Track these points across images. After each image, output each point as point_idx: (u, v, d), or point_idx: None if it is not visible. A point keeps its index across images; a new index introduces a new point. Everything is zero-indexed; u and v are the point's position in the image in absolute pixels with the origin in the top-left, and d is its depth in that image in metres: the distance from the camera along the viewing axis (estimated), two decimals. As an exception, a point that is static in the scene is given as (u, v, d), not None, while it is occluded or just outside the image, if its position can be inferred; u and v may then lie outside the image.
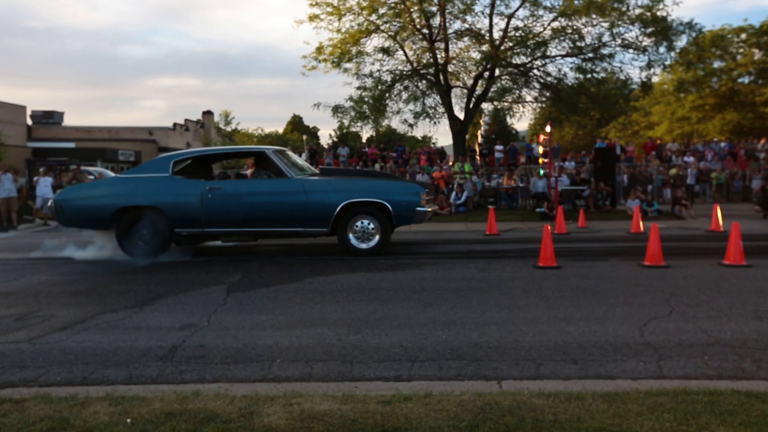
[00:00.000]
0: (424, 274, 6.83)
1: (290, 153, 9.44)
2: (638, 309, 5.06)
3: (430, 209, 8.41)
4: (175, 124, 38.03)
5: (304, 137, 49.72)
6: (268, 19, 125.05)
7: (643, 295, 5.55)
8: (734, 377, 3.51)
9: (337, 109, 19.05)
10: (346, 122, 19.63)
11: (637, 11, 16.59)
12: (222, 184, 8.38)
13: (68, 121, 37.71)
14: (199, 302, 5.58)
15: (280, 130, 62.07)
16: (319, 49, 18.79)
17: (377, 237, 8.11)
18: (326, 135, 77.01)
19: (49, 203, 8.78)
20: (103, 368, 3.85)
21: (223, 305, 5.47)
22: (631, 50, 17.52)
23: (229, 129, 38.63)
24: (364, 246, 8.10)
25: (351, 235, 8.14)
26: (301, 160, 9.61)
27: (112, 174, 17.96)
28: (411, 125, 19.57)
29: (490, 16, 17.86)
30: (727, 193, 18.86)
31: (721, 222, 10.90)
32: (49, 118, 35.84)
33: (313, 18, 18.56)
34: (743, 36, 29.55)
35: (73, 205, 8.26)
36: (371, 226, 8.10)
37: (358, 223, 8.11)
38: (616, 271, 6.82)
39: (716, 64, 30.20)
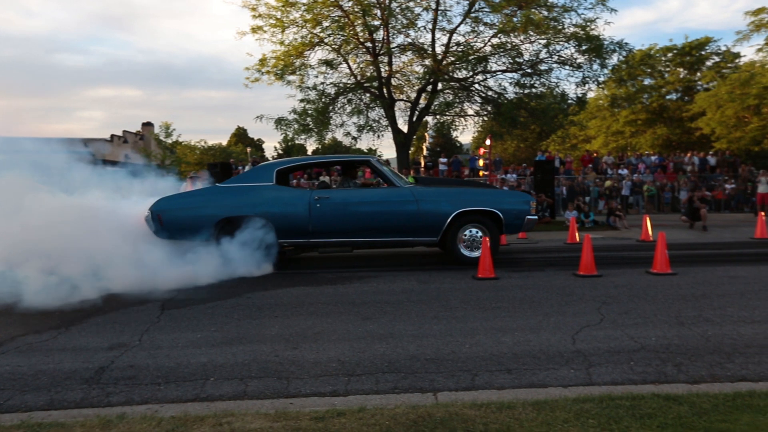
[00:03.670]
0: (365, 287, 6.82)
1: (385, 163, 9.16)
2: (571, 318, 5.21)
3: (537, 218, 8.50)
4: (112, 136, 36.83)
5: (248, 150, 49.10)
6: (214, 30, 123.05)
7: (576, 304, 5.72)
8: (657, 381, 3.66)
9: (280, 122, 18.89)
10: (289, 135, 19.48)
11: (572, 30, 17.26)
12: (329, 193, 8.19)
13: (-3, 132, 35.85)
14: (131, 320, 5.39)
15: (224, 143, 61.03)
16: (263, 61, 18.63)
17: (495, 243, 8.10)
18: (271, 147, 76.11)
19: (145, 213, 7.96)
20: (21, 394, 3.65)
21: (156, 323, 5.30)
22: (566, 67, 18.19)
23: (169, 141, 37.62)
24: (475, 254, 8.03)
25: (460, 245, 8.13)
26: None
27: None
28: (354, 138, 19.67)
29: (433, 31, 18.19)
30: (658, 204, 19.75)
31: (650, 232, 11.40)
32: (-25, 129, 33.98)
33: (256, 30, 18.42)
34: (669, 55, 31.18)
35: (173, 216, 7.82)
36: (480, 234, 8.12)
37: (467, 232, 8.12)
38: (552, 281, 7.00)
39: (646, 81, 31.72)
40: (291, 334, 4.85)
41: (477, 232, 8.15)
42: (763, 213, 12.76)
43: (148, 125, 42.17)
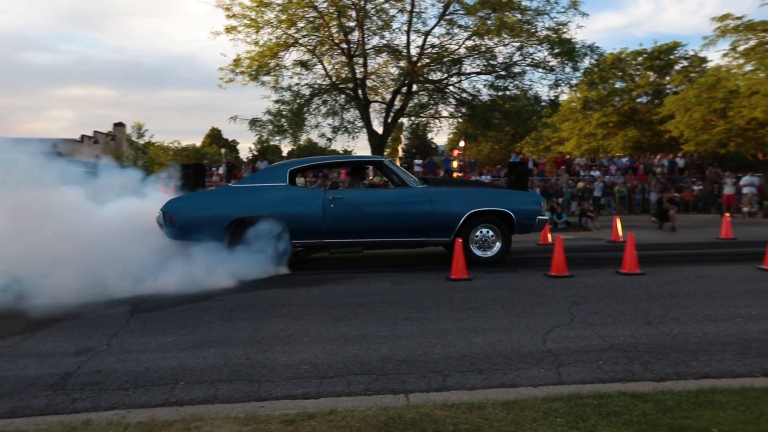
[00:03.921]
0: (338, 289, 6.81)
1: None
2: (542, 318, 5.27)
3: (548, 218, 8.52)
4: (82, 136, 36.12)
5: (223, 151, 48.60)
6: (188, 30, 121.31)
7: (547, 305, 5.79)
8: (624, 380, 3.73)
9: (254, 123, 18.72)
10: (264, 136, 19.34)
11: (545, 33, 17.45)
12: (343, 193, 8.15)
13: (-39, 131, 34.89)
14: (100, 324, 5.30)
15: (198, 143, 60.42)
16: (237, 62, 18.45)
17: (498, 245, 8.21)
18: (246, 148, 75.52)
19: (157, 214, 7.84)
20: (-17, 401, 3.57)
21: (125, 327, 5.22)
22: (539, 69, 18.40)
23: (142, 142, 37.08)
24: (488, 254, 8.16)
25: (472, 245, 8.15)
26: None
27: None
28: (329, 139, 19.60)
29: (408, 33, 18.21)
30: (629, 205, 20.11)
31: (620, 233, 11.59)
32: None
33: (230, 30, 18.23)
34: (640, 59, 31.80)
35: (185, 216, 7.72)
36: (491, 234, 8.19)
37: (479, 232, 8.18)
38: (524, 281, 7.08)
39: (618, 85, 32.30)
40: (263, 337, 4.82)
41: (489, 232, 8.23)
42: (728, 214, 13.08)
43: (119, 126, 41.49)
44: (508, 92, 19.02)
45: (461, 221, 8.02)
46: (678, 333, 4.70)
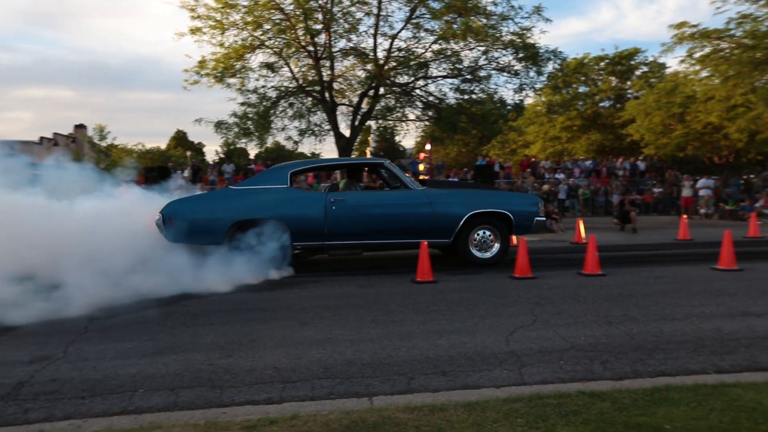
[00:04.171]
0: (304, 293, 6.77)
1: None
2: (506, 319, 5.33)
3: (545, 219, 8.66)
4: (42, 138, 35.20)
5: (188, 153, 47.90)
6: (152, 30, 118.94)
7: (511, 306, 5.87)
8: (584, 379, 3.79)
9: (220, 125, 18.47)
10: (230, 138, 19.10)
11: (510, 38, 17.69)
12: (345, 195, 8.12)
13: None
14: (57, 331, 5.15)
15: (163, 146, 59.38)
16: (202, 63, 18.20)
17: (497, 246, 8.30)
18: (212, 151, 74.51)
19: (157, 216, 7.69)
20: (-70, 413, 3.43)
21: (84, 333, 5.09)
22: (504, 73, 18.62)
23: (104, 144, 36.31)
24: (487, 255, 8.24)
25: (472, 246, 8.23)
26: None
27: None
28: (296, 142, 19.48)
29: (375, 36, 18.24)
30: (593, 207, 20.53)
31: (583, 234, 11.82)
32: None
33: (195, 31, 17.97)
34: (602, 64, 32.51)
35: (185, 219, 7.60)
36: (490, 236, 8.27)
37: (477, 234, 8.25)
38: (488, 283, 7.15)
39: (581, 89, 32.95)
40: (226, 342, 4.76)
41: (488, 234, 8.31)
42: (685, 216, 13.46)
43: (80, 127, 40.57)
44: (474, 96, 19.21)
45: (461, 223, 8.11)
46: (636, 332, 4.81)
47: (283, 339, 4.84)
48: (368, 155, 46.73)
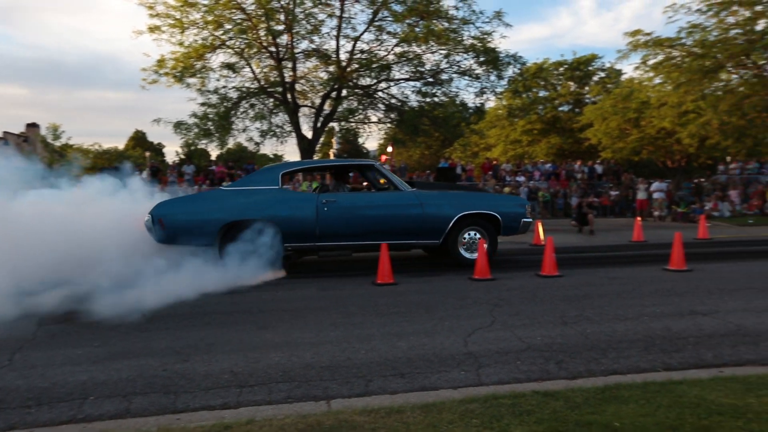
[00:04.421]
0: (264, 296, 6.70)
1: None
2: (465, 321, 5.38)
3: (531, 221, 8.88)
4: (-8, 137, 33.90)
5: (147, 154, 46.82)
6: (110, 27, 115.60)
7: (470, 308, 5.92)
8: (540, 379, 3.86)
9: (179, 126, 18.17)
10: (190, 139, 18.77)
11: (471, 42, 17.93)
12: (336, 197, 8.11)
13: None
14: (1, 338, 4.96)
15: (121, 146, 57.92)
16: (161, 62, 17.87)
17: (485, 247, 8.21)
18: (173, 152, 72.99)
19: (146, 218, 7.50)
20: None
21: (31, 340, 4.93)
22: (466, 77, 18.86)
23: (58, 144, 35.23)
24: (475, 256, 8.15)
25: (461, 247, 8.29)
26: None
27: None
28: (257, 144, 19.31)
29: (337, 38, 18.23)
30: (552, 210, 20.93)
31: (542, 236, 12.03)
32: None
33: (154, 29, 17.64)
34: (561, 69, 33.21)
35: (175, 219, 7.51)
36: (478, 237, 8.36)
37: (466, 235, 8.34)
38: (448, 285, 7.21)
39: (541, 93, 33.57)
40: (182, 347, 4.68)
41: (476, 235, 8.41)
42: (639, 218, 13.85)
43: (33, 126, 39.26)
44: (436, 99, 19.38)
45: (451, 224, 8.18)
46: (591, 332, 4.92)
47: (241, 343, 4.78)
48: (332, 157, 46.61)
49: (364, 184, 9.97)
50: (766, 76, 18.54)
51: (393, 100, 19.56)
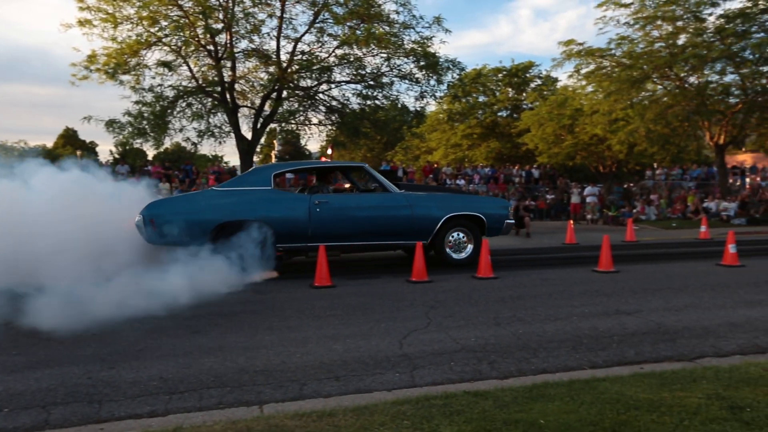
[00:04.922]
0: (197, 300, 6.53)
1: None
2: (401, 323, 5.43)
3: (513, 222, 9.20)
4: None
5: (79, 153, 44.87)
6: (39, 19, 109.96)
7: (407, 310, 5.98)
8: (472, 379, 3.93)
9: (111, 124, 17.47)
10: (123, 138, 18.08)
11: (411, 46, 18.11)
12: (328, 197, 8.17)
13: None
14: None
15: (50, 144, 55.25)
16: (92, 58, 17.14)
17: (470, 247, 8.60)
18: (106, 151, 70.14)
19: (137, 218, 7.21)
20: None
21: (-57, 350, 4.62)
22: (406, 81, 19.02)
23: (-22, 140, 33.21)
24: (461, 256, 8.59)
25: (447, 248, 8.49)
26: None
27: None
28: (195, 144, 18.82)
29: (278, 38, 18.01)
30: (490, 213, 21.39)
31: (480, 239, 12.27)
32: None
33: (84, 23, 16.93)
34: (500, 76, 34.05)
35: (167, 220, 7.41)
36: (464, 237, 8.56)
37: (452, 236, 8.54)
38: (385, 287, 7.25)
39: (480, 99, 34.31)
40: (109, 353, 4.50)
41: (462, 236, 8.57)
42: (572, 221, 14.36)
43: (-49, 122, 36.83)
44: (377, 102, 19.47)
45: (439, 225, 8.32)
46: (523, 332, 5.06)
47: (172, 348, 4.65)
48: (273, 159, 46.03)
49: (347, 185, 10.08)
50: (688, 87, 19.64)
51: (334, 103, 19.52)
